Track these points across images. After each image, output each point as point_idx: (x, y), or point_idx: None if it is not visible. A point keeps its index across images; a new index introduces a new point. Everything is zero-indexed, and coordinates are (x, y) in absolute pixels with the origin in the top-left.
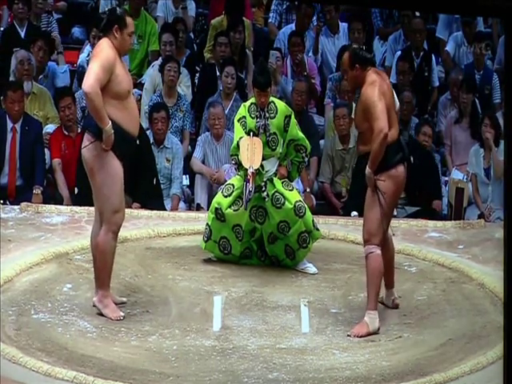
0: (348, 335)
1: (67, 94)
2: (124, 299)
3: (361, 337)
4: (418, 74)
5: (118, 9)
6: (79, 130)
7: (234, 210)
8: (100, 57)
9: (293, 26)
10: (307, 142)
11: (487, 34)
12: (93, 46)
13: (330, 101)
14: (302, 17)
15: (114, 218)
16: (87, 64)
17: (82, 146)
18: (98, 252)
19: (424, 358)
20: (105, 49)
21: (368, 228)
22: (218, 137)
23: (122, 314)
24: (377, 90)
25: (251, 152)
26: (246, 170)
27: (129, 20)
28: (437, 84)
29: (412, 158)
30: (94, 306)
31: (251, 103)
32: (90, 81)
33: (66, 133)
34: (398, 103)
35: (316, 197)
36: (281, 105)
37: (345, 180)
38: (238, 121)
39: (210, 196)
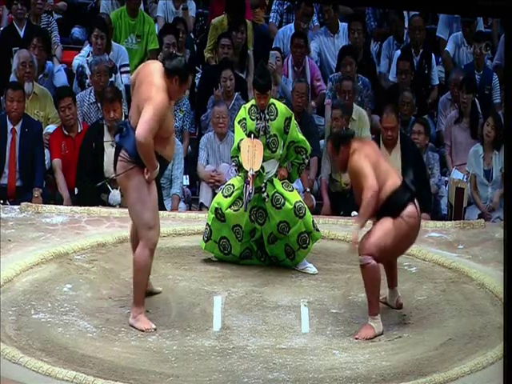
0: (356, 338)
1: (67, 94)
2: (160, 289)
3: (368, 339)
4: (417, 73)
5: (180, 58)
6: (80, 130)
7: (234, 211)
8: (155, 105)
9: (292, 26)
10: (307, 143)
11: (487, 33)
12: (94, 46)
13: (329, 101)
14: (301, 16)
15: (149, 234)
16: (87, 64)
17: (119, 168)
18: (135, 269)
19: (424, 358)
20: (160, 94)
21: (374, 242)
22: (222, 136)
23: (154, 326)
24: (359, 154)
25: (251, 154)
26: (247, 171)
27: (190, 77)
28: (437, 82)
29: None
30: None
31: (251, 105)
32: (144, 132)
33: (66, 133)
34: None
35: (316, 197)
36: (281, 107)
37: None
38: (239, 123)
39: (215, 196)
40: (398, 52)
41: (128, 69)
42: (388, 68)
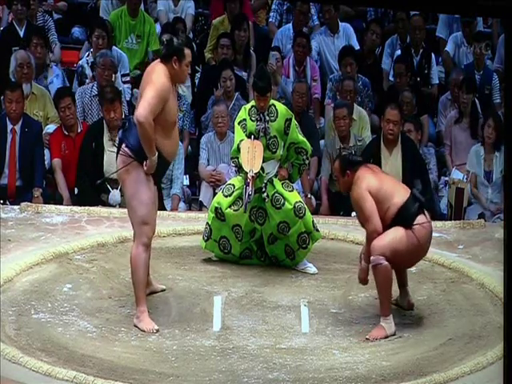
0: (367, 338)
1: (67, 94)
2: (163, 286)
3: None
4: (417, 72)
5: (175, 40)
6: (79, 130)
7: (234, 210)
8: (156, 86)
9: (290, 26)
10: (308, 144)
11: (487, 33)
12: (95, 46)
13: (330, 101)
14: (298, 14)
15: (143, 229)
16: (87, 63)
17: (119, 162)
18: (132, 266)
19: (424, 357)
20: (161, 77)
21: (386, 243)
22: (222, 135)
23: (156, 327)
24: (361, 187)
25: (251, 155)
26: (246, 173)
27: (187, 51)
28: (436, 81)
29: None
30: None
31: (252, 106)
32: (144, 111)
33: (66, 133)
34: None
35: (316, 197)
36: (281, 108)
37: None
38: (239, 123)
39: (215, 196)
40: (398, 52)
41: (128, 78)
42: (390, 66)
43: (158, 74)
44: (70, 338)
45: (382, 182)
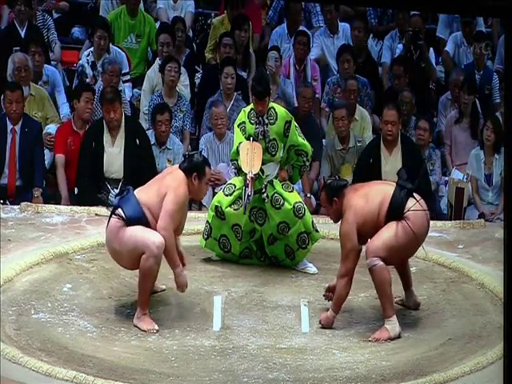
0: (369, 340)
1: (89, 90)
2: (163, 286)
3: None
4: (416, 69)
5: (196, 155)
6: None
7: (234, 210)
8: (177, 197)
9: (285, 26)
10: (308, 146)
11: (487, 33)
12: (97, 47)
13: (325, 105)
14: (292, 13)
15: (149, 244)
16: (87, 63)
17: (110, 227)
18: (141, 276)
19: (424, 357)
20: (182, 187)
21: (380, 244)
22: (221, 136)
23: (156, 327)
24: (349, 221)
25: (251, 157)
26: (246, 174)
27: (207, 169)
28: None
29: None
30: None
31: (251, 109)
32: (166, 224)
33: (75, 128)
34: None
35: (316, 197)
36: (281, 110)
37: (349, 168)
38: (238, 126)
39: (214, 195)
40: (400, 46)
41: (129, 77)
42: (390, 59)
43: (179, 183)
44: (70, 338)
45: (368, 195)
